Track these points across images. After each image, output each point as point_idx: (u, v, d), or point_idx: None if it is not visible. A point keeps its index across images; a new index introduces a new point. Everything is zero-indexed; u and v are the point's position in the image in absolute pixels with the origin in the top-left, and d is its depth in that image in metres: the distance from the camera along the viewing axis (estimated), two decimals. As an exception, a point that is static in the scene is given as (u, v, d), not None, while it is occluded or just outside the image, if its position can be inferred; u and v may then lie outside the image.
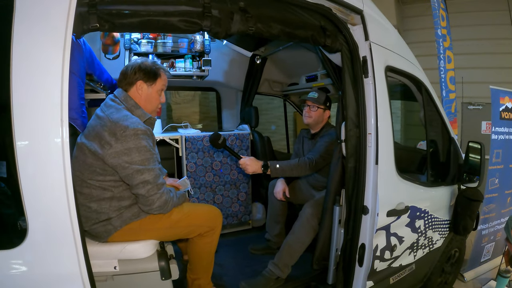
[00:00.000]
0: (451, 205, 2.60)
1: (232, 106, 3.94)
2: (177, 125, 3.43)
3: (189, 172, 3.08)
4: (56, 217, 1.24)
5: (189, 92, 5.91)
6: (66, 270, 1.28)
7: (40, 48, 1.20)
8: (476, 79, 4.82)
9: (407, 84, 2.46)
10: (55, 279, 1.28)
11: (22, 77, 1.17)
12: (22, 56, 1.17)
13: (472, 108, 4.44)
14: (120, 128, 1.60)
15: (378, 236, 2.05)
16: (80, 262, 1.29)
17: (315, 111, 2.68)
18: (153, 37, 2.97)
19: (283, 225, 2.92)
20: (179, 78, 3.20)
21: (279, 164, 2.46)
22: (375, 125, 1.95)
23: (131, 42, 2.86)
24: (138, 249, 1.72)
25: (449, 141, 2.59)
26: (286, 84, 3.90)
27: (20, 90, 1.17)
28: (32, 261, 1.24)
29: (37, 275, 1.26)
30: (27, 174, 1.18)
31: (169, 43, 3.02)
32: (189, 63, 3.07)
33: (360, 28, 1.97)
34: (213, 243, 2.00)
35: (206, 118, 6.07)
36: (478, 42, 5.14)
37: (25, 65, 1.17)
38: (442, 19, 3.69)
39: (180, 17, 1.52)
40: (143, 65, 1.80)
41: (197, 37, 3.02)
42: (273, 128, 6.25)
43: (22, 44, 1.16)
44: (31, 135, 1.20)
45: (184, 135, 3.06)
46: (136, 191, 1.65)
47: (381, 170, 1.97)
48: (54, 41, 1.22)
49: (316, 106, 2.67)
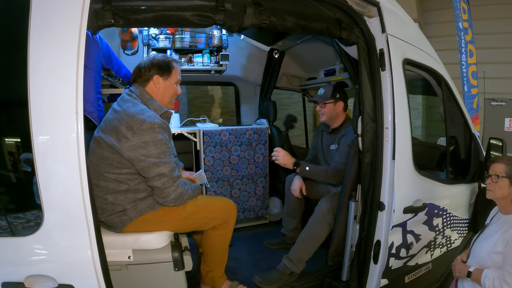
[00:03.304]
0: (470, 203, 2.52)
1: (250, 101, 3.90)
2: (195, 119, 3.42)
3: (206, 166, 3.07)
4: (71, 207, 1.26)
5: (208, 87, 5.91)
6: (80, 258, 1.30)
7: (56, 45, 1.22)
8: (499, 75, 4.59)
9: (426, 78, 2.38)
10: (70, 267, 1.30)
11: (38, 73, 1.19)
12: (39, 53, 1.19)
13: (495, 104, 4.26)
14: (137, 122, 1.61)
15: (394, 233, 1.99)
16: (93, 251, 1.30)
17: (324, 107, 2.60)
18: (171, 32, 2.97)
19: (299, 220, 2.88)
20: (197, 73, 3.19)
21: (309, 167, 2.48)
22: (392, 119, 1.89)
23: (149, 38, 2.86)
24: (152, 239, 1.72)
25: (470, 137, 2.51)
26: (305, 79, 3.83)
27: (37, 84, 1.19)
28: (47, 248, 1.27)
29: (52, 262, 1.28)
30: (43, 164, 1.20)
31: (187, 38, 3.01)
32: (207, 58, 3.06)
33: (377, 20, 1.92)
34: (227, 236, 1.99)
35: (225, 113, 6.05)
36: (501, 36, 4.89)
37: (41, 62, 1.20)
38: (464, 12, 3.56)
39: (193, 11, 1.52)
40: (155, 60, 1.81)
41: (214, 31, 3.00)
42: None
43: (38, 42, 1.19)
44: (47, 128, 1.22)
45: (202, 129, 3.05)
46: (152, 184, 1.65)
47: (398, 166, 1.91)
48: (69, 37, 1.23)
49: (323, 102, 2.60)
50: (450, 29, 4.12)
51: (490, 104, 4.31)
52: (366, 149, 1.98)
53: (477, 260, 1.79)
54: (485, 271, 1.67)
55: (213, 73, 3.20)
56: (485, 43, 4.63)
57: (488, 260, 1.72)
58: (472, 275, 1.73)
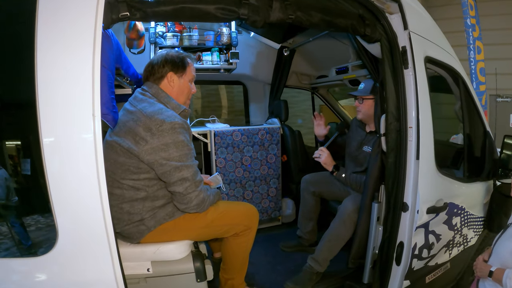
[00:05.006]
0: (485, 201, 2.43)
1: (260, 100, 3.75)
2: (205, 119, 3.28)
3: (218, 167, 2.94)
4: (88, 222, 1.14)
5: (216, 86, 5.74)
6: (98, 276, 1.19)
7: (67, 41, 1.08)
8: (504, 71, 4.48)
9: (443, 75, 2.28)
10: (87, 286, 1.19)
11: (48, 72, 1.06)
12: (48, 51, 1.06)
13: (501, 100, 4.16)
14: (156, 122, 1.47)
15: (417, 234, 1.91)
16: (115, 266, 1.18)
17: (362, 103, 2.40)
18: (178, 30, 2.84)
19: (316, 222, 2.77)
20: (206, 71, 3.06)
21: (345, 175, 2.41)
22: (416, 118, 1.81)
23: (156, 36, 2.73)
24: (173, 250, 1.60)
25: (484, 134, 2.41)
26: (315, 77, 3.70)
27: (46, 85, 1.06)
28: (62, 268, 1.15)
29: (68, 282, 1.16)
30: (55, 176, 1.08)
31: (195, 36, 2.89)
32: (216, 56, 2.94)
33: (398, 16, 1.82)
34: (249, 242, 1.87)
35: (231, 112, 5.88)
36: (503, 32, 4.77)
37: (51, 60, 1.06)
38: (471, 8, 3.44)
39: (216, 4, 1.40)
40: (169, 56, 1.68)
41: (223, 29, 2.88)
42: (299, 121, 6.03)
43: (47, 37, 1.05)
44: (59, 134, 1.08)
45: (213, 129, 2.91)
46: (173, 189, 1.52)
47: (422, 165, 1.83)
48: (83, 33, 1.09)
49: (361, 98, 2.41)
50: (456, 26, 4.01)
51: (495, 100, 4.22)
52: (390, 149, 1.90)
53: (499, 259, 1.70)
54: (507, 271, 1.58)
55: (222, 71, 3.07)
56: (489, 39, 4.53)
57: (511, 260, 1.64)
58: (493, 275, 1.64)
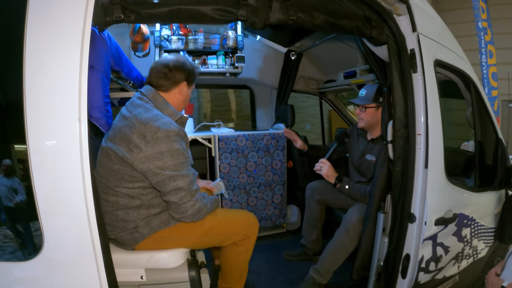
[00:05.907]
0: (496, 212, 2.29)
1: (266, 105, 3.65)
2: (209, 124, 3.21)
3: (222, 173, 2.85)
4: (73, 229, 1.09)
5: (219, 90, 5.67)
6: (83, 284, 1.14)
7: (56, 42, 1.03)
8: (514, 75, 4.33)
9: (454, 80, 2.16)
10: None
11: (35, 74, 1.01)
12: (36, 52, 1.01)
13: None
14: (151, 129, 1.40)
15: (425, 247, 1.80)
16: (101, 275, 1.13)
17: (364, 112, 2.28)
18: (184, 33, 2.78)
19: (320, 231, 2.67)
20: (211, 75, 2.98)
21: (349, 186, 2.26)
22: (425, 125, 1.71)
23: (161, 39, 2.67)
24: (167, 258, 1.53)
25: (496, 141, 2.28)
26: (323, 81, 3.61)
27: (33, 87, 1.01)
28: (47, 274, 1.10)
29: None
30: (41, 181, 1.03)
31: (200, 39, 2.83)
32: (221, 60, 2.87)
33: (406, 18, 1.73)
34: (248, 252, 1.78)
35: (238, 117, 5.80)
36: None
37: (39, 61, 1.01)
38: (483, 11, 3.31)
39: (213, 5, 1.33)
40: (188, 66, 1.62)
41: (229, 32, 2.80)
42: (308, 127, 5.91)
43: (35, 38, 1.01)
44: (45, 138, 1.03)
45: (217, 134, 2.83)
46: (167, 198, 1.45)
47: (431, 174, 1.72)
48: (71, 34, 1.04)
49: (363, 106, 2.28)
50: (468, 30, 3.89)
51: (508, 106, 4.04)
52: (397, 157, 1.79)
53: None
54: None
55: (228, 75, 2.99)
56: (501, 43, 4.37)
57: None
58: None
